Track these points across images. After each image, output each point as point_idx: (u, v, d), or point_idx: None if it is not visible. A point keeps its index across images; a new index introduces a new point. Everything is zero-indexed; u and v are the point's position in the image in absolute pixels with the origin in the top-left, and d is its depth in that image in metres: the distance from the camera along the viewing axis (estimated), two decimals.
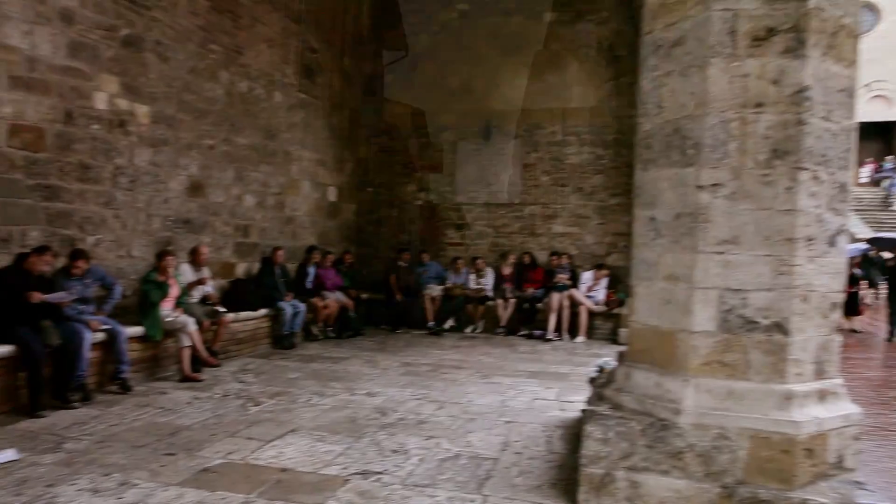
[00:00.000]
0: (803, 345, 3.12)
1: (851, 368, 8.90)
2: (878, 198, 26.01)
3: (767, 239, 3.04)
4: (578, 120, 10.09)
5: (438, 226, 10.81)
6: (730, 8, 3.11)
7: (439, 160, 10.78)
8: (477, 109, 10.55)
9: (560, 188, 10.17)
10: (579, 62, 10.18)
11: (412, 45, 10.99)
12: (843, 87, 3.15)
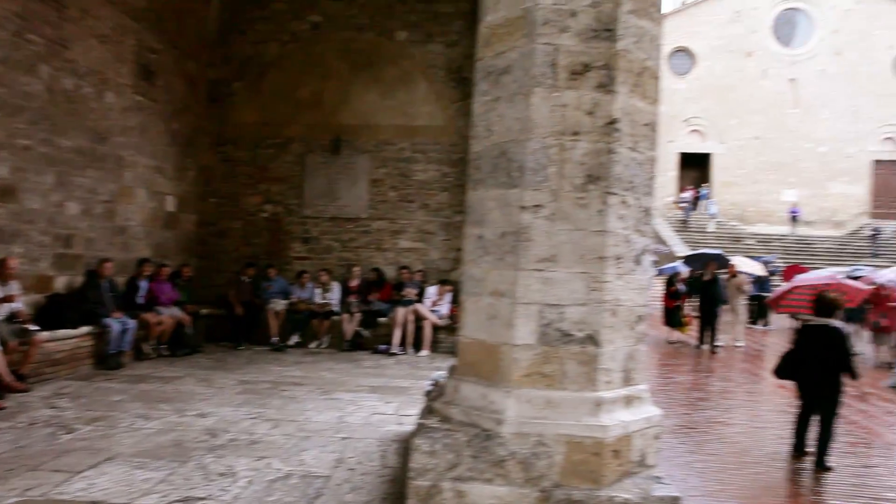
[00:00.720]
0: (612, 355, 3.40)
1: (667, 374, 9.82)
2: (695, 220, 29.03)
3: (582, 257, 3.29)
4: (426, 138, 10.33)
5: (284, 239, 10.55)
6: (552, 43, 3.35)
7: (286, 172, 10.54)
8: (326, 123, 10.46)
9: (407, 204, 10.33)
10: (429, 82, 10.44)
11: (261, 54, 10.70)
12: (647, 121, 3.50)
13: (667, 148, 30.61)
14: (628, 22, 3.39)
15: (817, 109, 30.67)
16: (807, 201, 30.26)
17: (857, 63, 30.58)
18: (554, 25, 3.35)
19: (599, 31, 3.34)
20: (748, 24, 31.13)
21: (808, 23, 31.23)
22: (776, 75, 30.91)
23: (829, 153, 30.63)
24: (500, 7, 3.58)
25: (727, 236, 27.38)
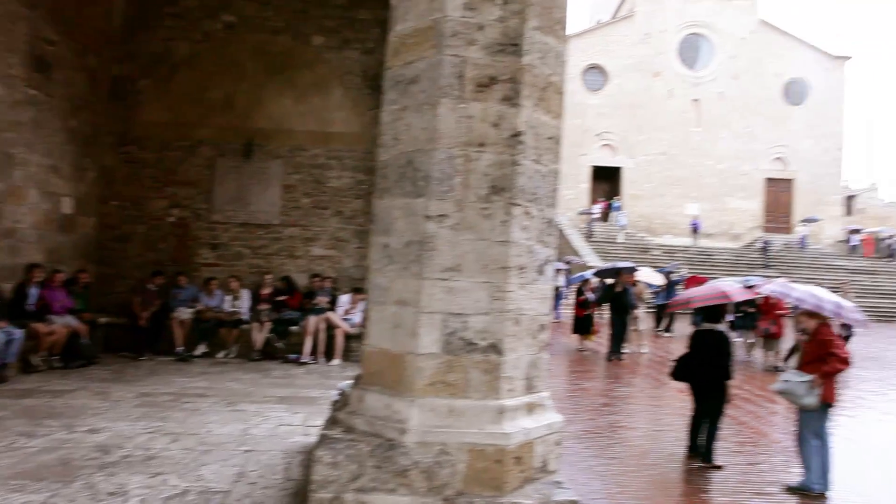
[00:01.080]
0: (515, 363, 3.46)
1: (574, 381, 10.11)
2: (607, 231, 30.11)
3: (485, 267, 3.34)
4: (341, 144, 10.23)
5: (192, 245, 10.15)
6: (459, 55, 3.40)
7: (195, 176, 10.16)
8: (238, 126, 10.17)
9: (321, 211, 10.18)
10: (344, 88, 10.36)
11: (171, 52, 10.29)
12: (551, 134, 3.61)
13: (580, 161, 31.69)
14: (534, 38, 3.49)
15: (717, 129, 32.61)
16: (708, 215, 32.03)
17: (751, 87, 32.78)
18: (462, 38, 3.40)
19: (506, 46, 3.41)
20: (656, 46, 32.72)
21: (710, 48, 33.17)
22: (681, 95, 32.63)
23: (727, 170, 32.61)
24: (410, 17, 3.61)
25: (635, 247, 28.53)
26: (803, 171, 33.14)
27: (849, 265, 28.95)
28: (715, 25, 33.06)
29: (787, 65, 33.24)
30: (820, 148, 33.21)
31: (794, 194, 33.20)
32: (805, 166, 33.11)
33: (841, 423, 8.00)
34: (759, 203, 32.88)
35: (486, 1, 3.42)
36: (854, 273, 27.49)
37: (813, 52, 33.54)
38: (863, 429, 7.90)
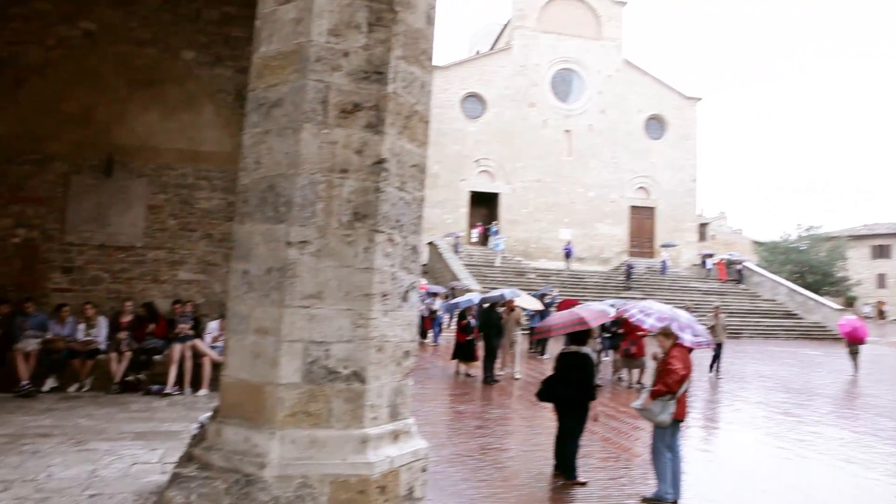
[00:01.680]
0: (379, 391, 3.44)
1: (450, 405, 10.20)
2: (484, 255, 30.89)
3: (348, 294, 3.31)
4: (211, 164, 9.83)
5: (41, 268, 9.31)
6: (323, 80, 3.38)
7: (46, 193, 9.36)
8: (97, 141, 9.51)
9: (188, 233, 9.69)
10: (216, 106, 9.99)
11: (18, 57, 9.47)
12: (415, 162, 3.65)
13: (459, 186, 32.43)
14: (399, 67, 3.54)
15: (587, 159, 34.61)
16: (579, 240, 33.76)
17: (617, 121, 35.17)
18: (326, 63, 3.39)
19: (370, 73, 3.44)
20: (531, 78, 34.31)
21: (580, 83, 35.26)
22: (554, 126, 34.37)
23: (596, 198, 34.62)
24: (274, 40, 3.55)
25: (512, 270, 29.48)
26: (663, 200, 35.81)
27: (702, 287, 31.45)
28: (584, 62, 35.22)
29: (648, 102, 35.98)
30: (677, 179, 36.09)
31: (655, 221, 35.76)
32: (665, 196, 35.82)
33: (693, 434, 8.64)
34: (625, 229, 35.12)
35: (351, 28, 3.43)
36: (707, 294, 29.91)
37: (670, 92, 36.53)
38: (712, 438, 8.54)
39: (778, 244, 47.71)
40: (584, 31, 35.48)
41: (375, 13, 3.48)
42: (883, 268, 53.62)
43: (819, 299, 29.89)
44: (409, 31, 3.62)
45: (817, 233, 47.16)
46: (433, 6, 3.88)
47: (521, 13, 34.73)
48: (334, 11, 3.42)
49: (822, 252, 45.30)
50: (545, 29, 34.82)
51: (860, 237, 54.84)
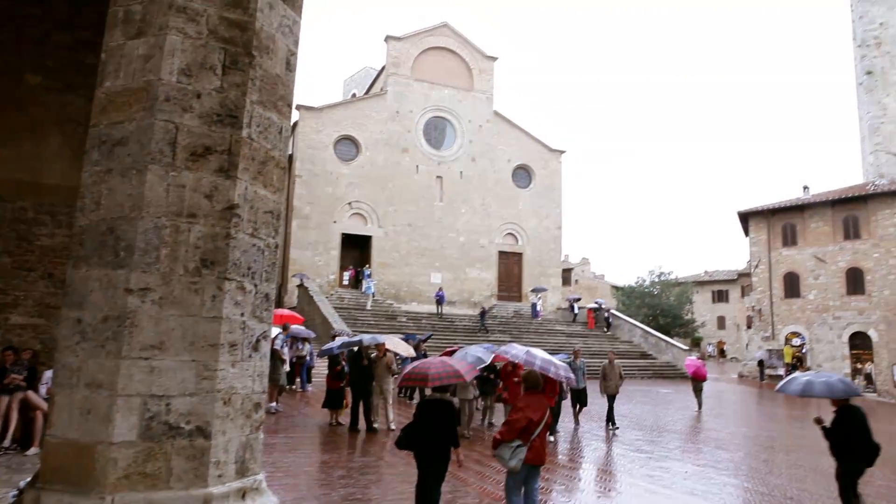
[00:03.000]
0: (225, 446, 3.26)
1: (315, 454, 9.87)
2: (355, 298, 30.59)
3: (193, 344, 3.14)
4: (57, 199, 9.07)
5: None
6: (173, 121, 3.25)
7: None
8: None
9: (25, 272, 8.83)
10: (64, 136, 9.28)
11: None
12: (269, 208, 3.58)
13: (331, 228, 32.11)
14: (255, 111, 3.49)
15: (458, 205, 35.58)
16: (450, 284, 34.36)
17: (487, 169, 36.59)
18: (177, 104, 3.27)
19: (224, 117, 3.36)
20: (405, 124, 35.00)
21: (452, 131, 36.45)
22: (427, 171, 35.12)
23: (467, 243, 35.56)
24: (121, 75, 3.39)
25: (383, 314, 29.38)
26: (530, 247, 37.42)
27: (567, 329, 32.96)
28: (457, 111, 36.50)
29: (517, 152, 37.80)
30: (543, 227, 37.92)
31: (523, 266, 37.20)
32: (531, 242, 37.47)
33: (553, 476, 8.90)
34: (494, 274, 36.22)
35: (205, 69, 3.35)
36: (570, 336, 31.36)
37: (536, 144, 38.63)
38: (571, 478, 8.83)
39: (634, 289, 51.14)
40: (456, 81, 36.87)
41: (231, 56, 3.42)
42: (722, 311, 58.96)
43: (669, 340, 32.24)
44: (267, 76, 3.58)
45: (668, 278, 51.11)
46: (294, 53, 3.88)
47: (396, 61, 35.55)
48: (187, 51, 3.32)
49: (672, 296, 49.06)
50: (419, 77, 35.82)
51: (703, 283, 60.11)
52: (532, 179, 38.18)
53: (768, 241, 33.74)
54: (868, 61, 34.36)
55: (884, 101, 33.64)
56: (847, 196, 32.18)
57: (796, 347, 32.21)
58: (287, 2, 3.89)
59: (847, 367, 30.70)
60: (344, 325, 22.95)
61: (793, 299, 32.77)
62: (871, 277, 30.61)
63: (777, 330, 33.08)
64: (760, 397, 25.97)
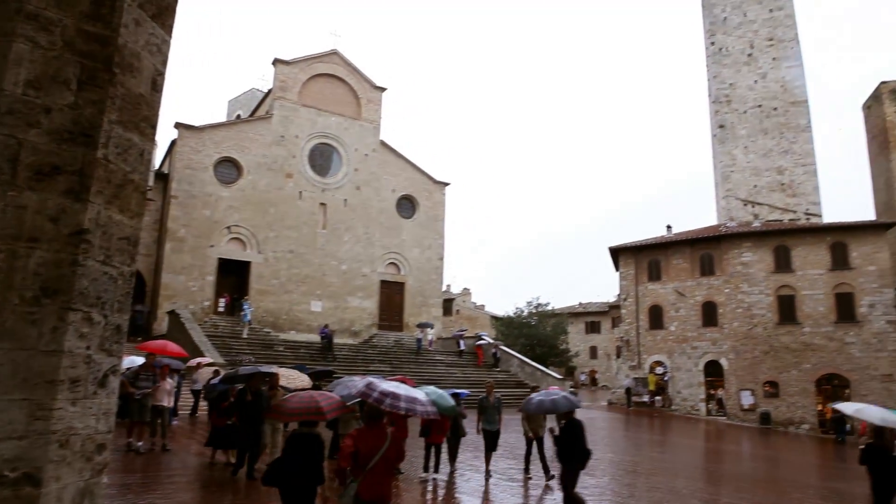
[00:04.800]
0: (59, 494, 2.96)
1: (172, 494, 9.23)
2: (230, 326, 29.29)
3: (25, 381, 2.85)
4: None
5: None
6: (15, 136, 2.98)
7: None
8: None
9: None
10: None
11: None
12: (126, 235, 3.36)
13: (207, 252, 30.70)
14: (113, 132, 3.27)
15: (341, 233, 35.24)
16: (331, 313, 33.78)
17: (371, 198, 36.61)
18: (21, 118, 3.01)
19: (77, 135, 3.12)
20: (290, 149, 34.37)
21: (338, 158, 36.22)
22: (310, 198, 34.58)
23: (349, 271, 35.20)
24: None
25: (259, 343, 28.31)
26: (412, 277, 37.63)
27: (446, 360, 33.25)
28: (343, 139, 36.35)
29: (402, 182, 38.14)
30: (425, 257, 38.31)
31: (405, 296, 37.27)
32: (414, 272, 37.70)
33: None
34: (376, 303, 36.02)
35: (57, 83, 3.11)
36: (451, 367, 31.68)
37: (421, 175, 39.17)
38: None
39: (513, 319, 52.61)
40: (344, 109, 36.78)
41: (89, 71, 3.20)
42: (595, 341, 61.94)
43: (545, 370, 33.33)
44: (130, 95, 3.38)
45: (545, 309, 53.04)
46: (161, 73, 3.69)
47: (284, 84, 34.98)
48: (37, 62, 3.07)
49: (548, 327, 50.92)
50: (306, 103, 35.42)
51: (578, 314, 62.95)
52: (416, 210, 38.59)
53: (636, 275, 35.98)
54: (720, 116, 37.94)
55: (733, 152, 37.20)
56: (703, 236, 35.09)
57: (659, 375, 34.35)
58: (156, 19, 3.71)
59: (702, 393, 33.12)
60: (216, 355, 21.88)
61: (657, 330, 35.01)
62: (722, 311, 33.35)
63: (643, 359, 35.13)
64: (627, 423, 27.39)
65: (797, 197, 37.06)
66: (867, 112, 46.90)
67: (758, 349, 32.13)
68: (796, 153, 36.92)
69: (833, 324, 31.24)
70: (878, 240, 31.87)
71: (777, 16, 38.46)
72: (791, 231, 33.53)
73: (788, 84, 37.81)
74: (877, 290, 30.92)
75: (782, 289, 32.44)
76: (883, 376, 29.91)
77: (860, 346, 30.54)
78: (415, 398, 6.17)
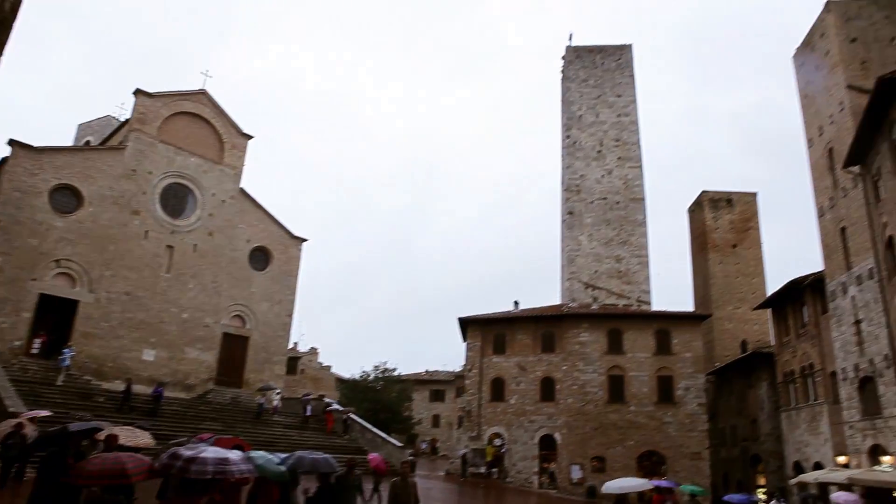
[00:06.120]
0: None
1: None
2: (43, 371, 26.30)
3: None
4: None
5: None
6: None
7: None
8: None
9: None
10: None
11: None
12: None
13: (28, 286, 27.71)
14: None
15: (187, 279, 33.34)
16: (164, 363, 31.46)
17: (223, 246, 35.17)
18: None
19: None
20: (141, 185, 32.41)
21: (193, 201, 34.63)
22: (157, 239, 32.58)
23: (190, 320, 33.16)
24: None
25: (76, 392, 25.62)
26: (258, 331, 36.15)
27: (284, 421, 31.94)
28: (201, 182, 34.93)
29: (258, 234, 37.09)
30: (273, 312, 37.08)
31: (248, 351, 35.61)
32: (260, 327, 36.27)
33: None
34: (215, 356, 34.04)
35: None
36: (287, 428, 30.45)
37: (279, 229, 38.34)
38: None
39: (358, 382, 51.80)
40: (206, 151, 35.52)
41: None
42: (439, 409, 62.38)
43: (385, 436, 32.94)
44: None
45: (392, 374, 52.81)
46: None
47: (143, 117, 33.24)
48: None
49: (393, 392, 50.61)
50: (165, 139, 33.83)
51: (424, 381, 63.31)
52: (270, 263, 37.55)
53: (482, 347, 37.04)
54: (570, 203, 40.97)
55: (579, 237, 40.10)
56: (546, 314, 37.08)
57: (497, 447, 35.08)
58: None
59: (536, 466, 34.20)
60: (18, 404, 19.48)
61: (498, 402, 35.98)
62: (559, 387, 35.07)
63: (483, 430, 35.79)
64: (460, 494, 27.58)
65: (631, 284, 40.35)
66: (691, 215, 52.87)
67: (588, 425, 33.94)
68: (633, 245, 40.45)
69: (654, 404, 33.86)
70: (695, 330, 35.43)
71: (623, 121, 42.77)
72: (624, 316, 36.35)
73: (630, 182, 41.77)
74: (691, 375, 34.10)
75: (613, 369, 34.80)
76: (692, 454, 32.67)
77: (675, 426, 33.26)
78: (226, 458, 5.80)
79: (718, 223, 48.93)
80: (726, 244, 48.36)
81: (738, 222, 49.08)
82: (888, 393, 21.91)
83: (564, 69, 46.38)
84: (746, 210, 49.67)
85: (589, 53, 45.25)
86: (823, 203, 27.64)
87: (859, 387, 24.21)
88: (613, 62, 44.71)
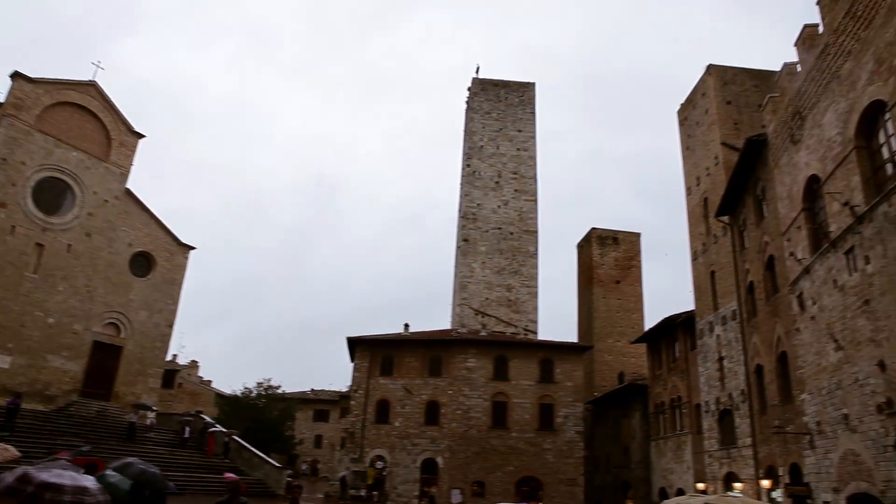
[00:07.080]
0: None
1: None
2: None
3: None
4: None
5: None
6: None
7: None
8: None
9: None
10: None
11: None
12: None
13: None
14: None
15: (57, 281, 30.87)
16: (22, 371, 28.84)
17: (101, 248, 32.92)
18: None
19: None
20: (11, 176, 29.85)
21: (71, 198, 32.26)
22: (25, 235, 30.02)
23: (56, 326, 30.63)
24: None
25: None
26: (133, 341, 34.02)
27: (156, 438, 30.13)
28: (82, 179, 32.64)
29: (142, 238, 35.11)
30: (153, 322, 35.08)
31: (120, 362, 33.38)
32: (136, 336, 34.16)
33: None
34: (83, 365, 31.61)
35: None
36: (158, 445, 28.73)
37: (166, 235, 36.48)
38: None
39: (239, 399, 49.68)
40: (90, 147, 33.26)
41: None
42: (322, 430, 60.99)
43: (264, 457, 31.70)
44: None
45: (275, 392, 51.05)
46: None
47: (19, 103, 30.64)
48: None
49: (276, 411, 48.91)
50: (44, 129, 31.36)
51: (308, 401, 61.76)
52: (152, 269, 35.59)
53: (370, 368, 36.77)
54: (466, 231, 41.85)
55: (473, 265, 40.95)
56: (435, 339, 37.43)
57: (378, 469, 34.74)
58: None
59: (416, 490, 34.13)
60: None
61: (382, 425, 35.75)
62: (444, 411, 35.37)
63: (366, 452, 35.39)
64: None
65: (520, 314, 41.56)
66: (580, 250, 55.38)
67: (471, 450, 34.38)
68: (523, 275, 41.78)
69: (535, 431, 34.87)
70: (577, 360, 36.94)
71: (522, 155, 44.38)
72: (510, 343, 37.34)
73: (524, 214, 43.25)
74: (571, 404, 35.44)
75: (498, 395, 35.55)
76: (568, 480, 33.82)
77: (554, 453, 34.36)
78: (84, 488, 5.34)
79: (604, 259, 51.48)
80: (610, 280, 50.91)
81: (623, 260, 51.88)
82: (742, 425, 23.78)
83: (470, 100, 47.61)
84: (630, 249, 52.63)
85: (494, 87, 46.75)
86: (697, 247, 29.82)
87: (719, 419, 26.11)
88: (517, 98, 46.41)
